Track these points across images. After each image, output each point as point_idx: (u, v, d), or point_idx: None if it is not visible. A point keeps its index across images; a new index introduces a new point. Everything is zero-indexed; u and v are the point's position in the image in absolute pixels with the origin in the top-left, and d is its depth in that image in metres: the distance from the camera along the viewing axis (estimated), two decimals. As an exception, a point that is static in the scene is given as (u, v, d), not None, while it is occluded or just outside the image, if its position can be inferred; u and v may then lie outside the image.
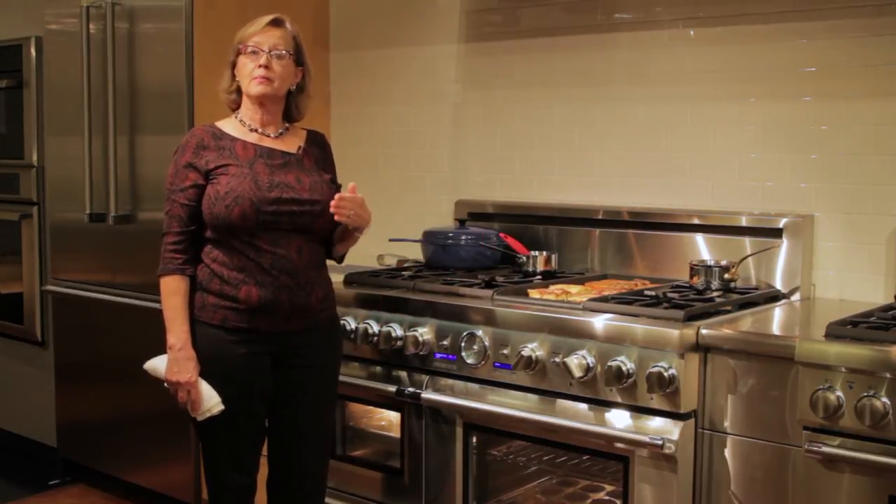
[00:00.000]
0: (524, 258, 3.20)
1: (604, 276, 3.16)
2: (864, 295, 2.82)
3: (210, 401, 2.50)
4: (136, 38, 3.66)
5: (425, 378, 2.82)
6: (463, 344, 2.71)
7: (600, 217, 3.27)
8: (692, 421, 2.39)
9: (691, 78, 3.13)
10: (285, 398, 2.62)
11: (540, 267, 3.16)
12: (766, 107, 2.99)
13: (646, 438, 2.36)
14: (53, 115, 4.12)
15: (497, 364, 2.66)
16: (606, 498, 2.71)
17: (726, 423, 2.38)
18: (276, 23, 2.57)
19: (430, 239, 3.31)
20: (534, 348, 2.57)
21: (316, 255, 2.60)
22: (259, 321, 2.51)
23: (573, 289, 2.86)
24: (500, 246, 3.27)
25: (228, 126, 2.61)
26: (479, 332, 2.68)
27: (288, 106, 2.66)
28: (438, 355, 2.78)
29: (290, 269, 2.52)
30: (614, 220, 3.24)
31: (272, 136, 2.62)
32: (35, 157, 4.32)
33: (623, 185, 3.29)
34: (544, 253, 3.19)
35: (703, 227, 3.04)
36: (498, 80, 3.58)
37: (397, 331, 2.85)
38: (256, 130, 2.60)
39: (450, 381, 2.77)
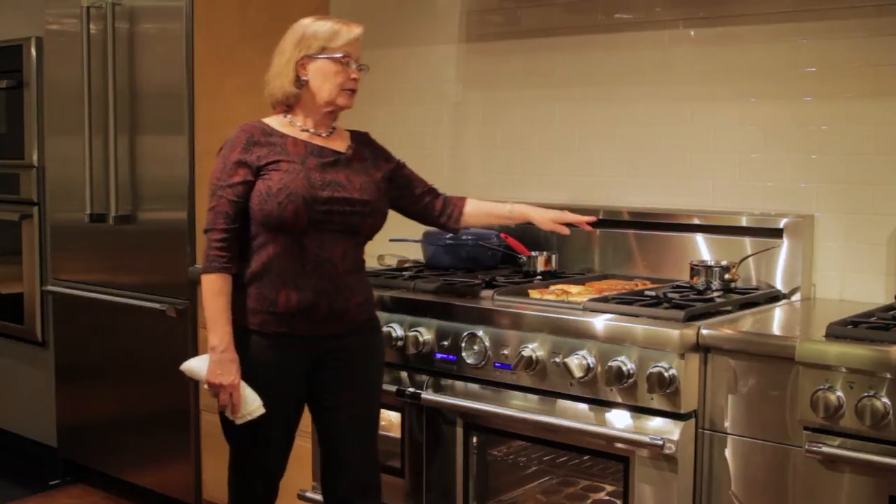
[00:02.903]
0: (524, 258, 3.20)
1: (604, 277, 3.16)
2: (864, 295, 2.81)
3: (251, 404, 2.45)
4: (136, 38, 3.67)
5: (426, 378, 2.82)
6: (463, 344, 2.71)
7: (600, 217, 3.26)
8: (692, 421, 2.39)
9: (691, 78, 3.13)
10: (324, 401, 2.58)
11: (540, 267, 3.16)
12: (766, 107, 2.99)
13: (646, 439, 2.36)
14: (53, 115, 4.12)
15: (497, 364, 2.66)
16: (607, 498, 2.71)
17: (727, 424, 2.38)
18: (360, 35, 2.55)
19: (431, 239, 3.31)
20: (534, 348, 2.57)
21: (358, 260, 2.57)
22: (297, 325, 2.47)
23: (573, 289, 2.86)
24: (501, 246, 3.27)
25: (277, 123, 2.56)
26: (480, 333, 2.68)
27: None
28: (439, 355, 2.78)
29: (331, 273, 2.47)
30: (614, 220, 3.23)
31: (323, 135, 2.58)
32: (35, 157, 4.32)
33: (623, 185, 3.29)
34: (545, 253, 3.19)
35: (704, 227, 3.04)
36: (498, 80, 3.58)
37: (398, 331, 2.85)
38: (307, 130, 2.57)
39: (450, 382, 2.77)
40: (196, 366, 2.52)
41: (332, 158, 2.54)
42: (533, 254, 3.19)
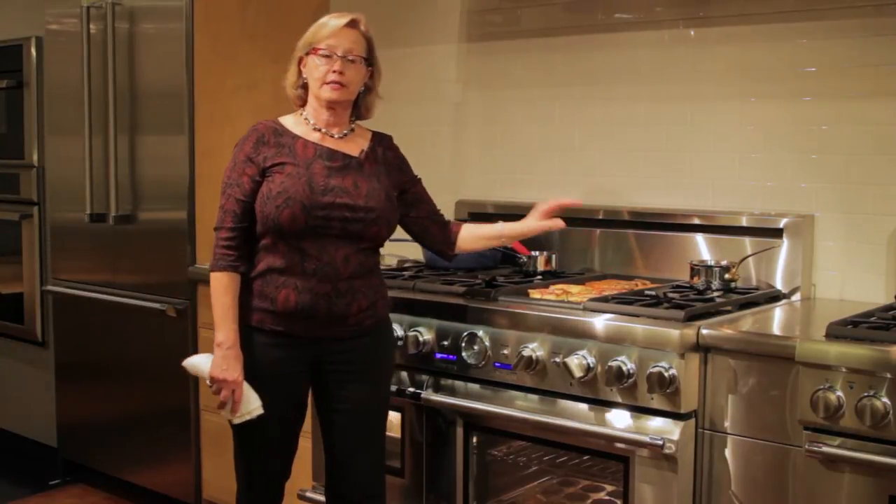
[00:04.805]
0: (525, 258, 3.20)
1: (604, 277, 3.16)
2: (864, 295, 2.81)
3: (251, 403, 2.45)
4: (136, 38, 3.67)
5: (426, 378, 2.82)
6: (463, 344, 2.71)
7: (600, 217, 3.27)
8: (692, 421, 2.40)
9: (691, 78, 3.13)
10: (329, 404, 2.57)
11: (540, 267, 3.16)
12: (766, 107, 2.99)
13: (646, 438, 2.37)
14: (53, 115, 4.12)
15: (497, 364, 2.66)
16: (607, 498, 2.71)
17: (727, 423, 2.38)
18: (352, 24, 2.50)
19: (431, 239, 3.31)
20: (534, 348, 2.57)
21: (365, 265, 2.52)
22: (295, 326, 2.46)
23: (574, 289, 2.87)
24: (501, 246, 3.27)
25: (291, 122, 2.55)
26: (480, 333, 2.68)
27: (355, 105, 2.61)
28: (439, 355, 2.78)
29: (332, 276, 2.45)
30: (614, 220, 3.24)
31: (336, 136, 2.55)
32: (35, 157, 4.32)
33: (623, 184, 3.29)
34: (545, 253, 3.19)
35: (704, 227, 3.05)
36: (498, 80, 3.58)
37: (398, 331, 2.85)
38: (320, 130, 2.54)
39: (450, 382, 2.77)
40: (199, 362, 2.52)
41: (341, 163, 2.51)
42: (533, 254, 3.19)
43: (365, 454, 2.61)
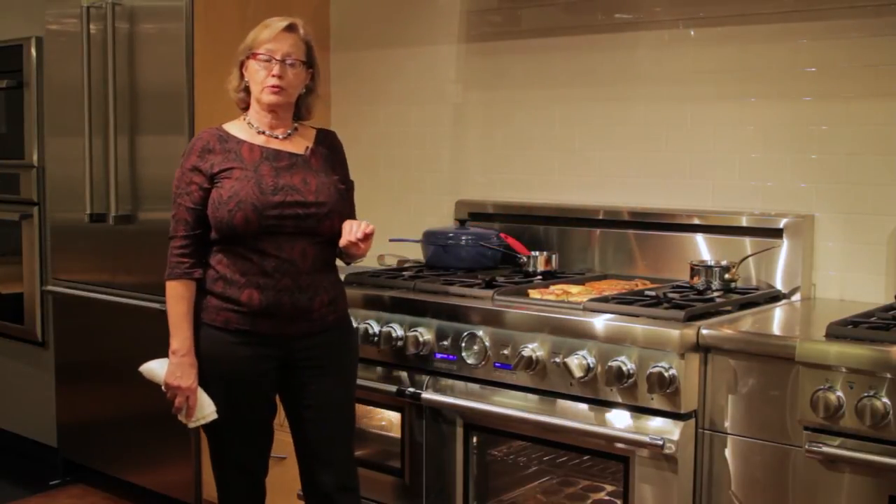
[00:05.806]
0: (524, 258, 3.20)
1: (604, 277, 3.16)
2: (864, 295, 2.82)
3: (205, 409, 2.49)
4: (136, 38, 3.67)
5: (426, 378, 2.82)
6: (463, 344, 2.71)
7: (600, 217, 3.27)
8: (692, 421, 2.40)
9: (691, 78, 3.13)
10: (300, 401, 2.60)
11: (540, 267, 3.16)
12: (766, 107, 2.99)
13: (646, 438, 2.37)
14: (53, 115, 4.12)
15: (497, 364, 2.66)
16: (607, 498, 2.71)
17: (727, 424, 2.38)
18: (290, 28, 2.54)
19: (431, 239, 3.32)
20: (534, 348, 2.57)
21: (322, 259, 2.56)
22: (261, 324, 2.49)
23: (574, 289, 2.87)
24: (501, 246, 3.27)
25: (235, 128, 2.59)
26: (480, 333, 2.68)
27: (297, 106, 2.63)
28: (439, 355, 2.78)
29: (292, 272, 2.49)
30: (614, 220, 3.24)
31: (280, 137, 2.59)
32: (35, 157, 4.32)
33: (623, 185, 3.30)
34: (545, 253, 3.19)
35: (704, 227, 3.05)
36: (498, 80, 3.58)
37: (398, 331, 2.85)
38: (264, 133, 2.58)
39: (450, 382, 2.77)
40: (155, 367, 2.56)
41: (287, 162, 2.55)
42: (533, 254, 3.19)
43: (338, 448, 2.64)
